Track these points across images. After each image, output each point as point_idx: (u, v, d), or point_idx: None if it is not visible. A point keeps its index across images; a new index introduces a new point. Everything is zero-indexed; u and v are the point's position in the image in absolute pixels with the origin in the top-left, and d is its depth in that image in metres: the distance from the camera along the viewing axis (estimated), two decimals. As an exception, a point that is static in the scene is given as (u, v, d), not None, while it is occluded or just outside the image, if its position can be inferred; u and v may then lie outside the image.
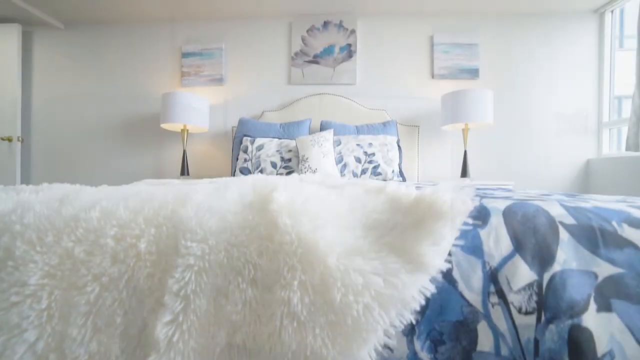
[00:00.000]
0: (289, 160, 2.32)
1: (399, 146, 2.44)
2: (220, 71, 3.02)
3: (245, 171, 2.35)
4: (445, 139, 2.89)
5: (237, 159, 2.48)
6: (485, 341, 0.42)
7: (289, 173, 2.30)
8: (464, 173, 2.60)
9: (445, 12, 2.87)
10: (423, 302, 0.38)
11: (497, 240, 0.45)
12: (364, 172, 2.29)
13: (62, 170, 3.18)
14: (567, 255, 0.43)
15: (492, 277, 0.43)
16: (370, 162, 2.29)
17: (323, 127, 2.62)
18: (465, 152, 2.60)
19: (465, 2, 2.73)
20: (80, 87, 3.16)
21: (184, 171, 2.77)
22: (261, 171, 2.31)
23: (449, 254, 0.42)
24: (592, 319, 0.40)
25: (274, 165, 2.31)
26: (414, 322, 0.39)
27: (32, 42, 3.19)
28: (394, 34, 2.94)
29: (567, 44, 2.83)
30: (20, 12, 2.89)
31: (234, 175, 2.41)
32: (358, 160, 2.30)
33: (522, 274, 0.42)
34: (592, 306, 0.40)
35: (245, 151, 2.43)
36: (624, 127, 2.68)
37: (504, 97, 2.86)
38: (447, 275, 0.42)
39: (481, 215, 0.48)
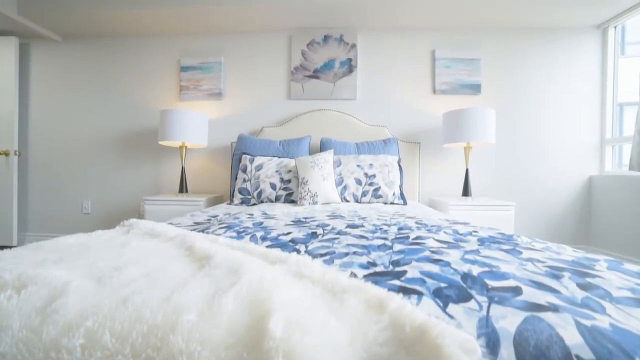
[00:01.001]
0: (289, 181, 2.29)
1: (399, 166, 2.40)
2: (219, 85, 2.97)
3: (244, 192, 2.32)
4: (447, 155, 2.85)
5: (236, 178, 2.44)
6: None
7: (288, 195, 2.26)
8: (466, 191, 2.56)
9: (446, 26, 2.82)
10: None
11: (508, 379, 0.42)
12: (364, 194, 2.25)
13: (59, 184, 3.14)
14: (584, 405, 0.40)
15: None
16: (370, 184, 2.25)
17: (323, 145, 2.58)
18: (467, 170, 2.56)
19: (467, 17, 2.68)
20: (77, 100, 3.12)
21: (183, 188, 2.74)
22: (260, 192, 2.27)
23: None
24: None
25: (273, 186, 2.27)
26: None
27: (29, 54, 3.15)
28: (394, 48, 2.88)
29: (570, 59, 2.78)
30: (17, 25, 2.85)
31: (232, 196, 2.37)
32: (358, 182, 2.26)
33: None
34: None
35: (244, 171, 2.40)
36: (626, 144, 2.64)
37: (506, 113, 2.82)
38: None
39: (490, 342, 0.45)
